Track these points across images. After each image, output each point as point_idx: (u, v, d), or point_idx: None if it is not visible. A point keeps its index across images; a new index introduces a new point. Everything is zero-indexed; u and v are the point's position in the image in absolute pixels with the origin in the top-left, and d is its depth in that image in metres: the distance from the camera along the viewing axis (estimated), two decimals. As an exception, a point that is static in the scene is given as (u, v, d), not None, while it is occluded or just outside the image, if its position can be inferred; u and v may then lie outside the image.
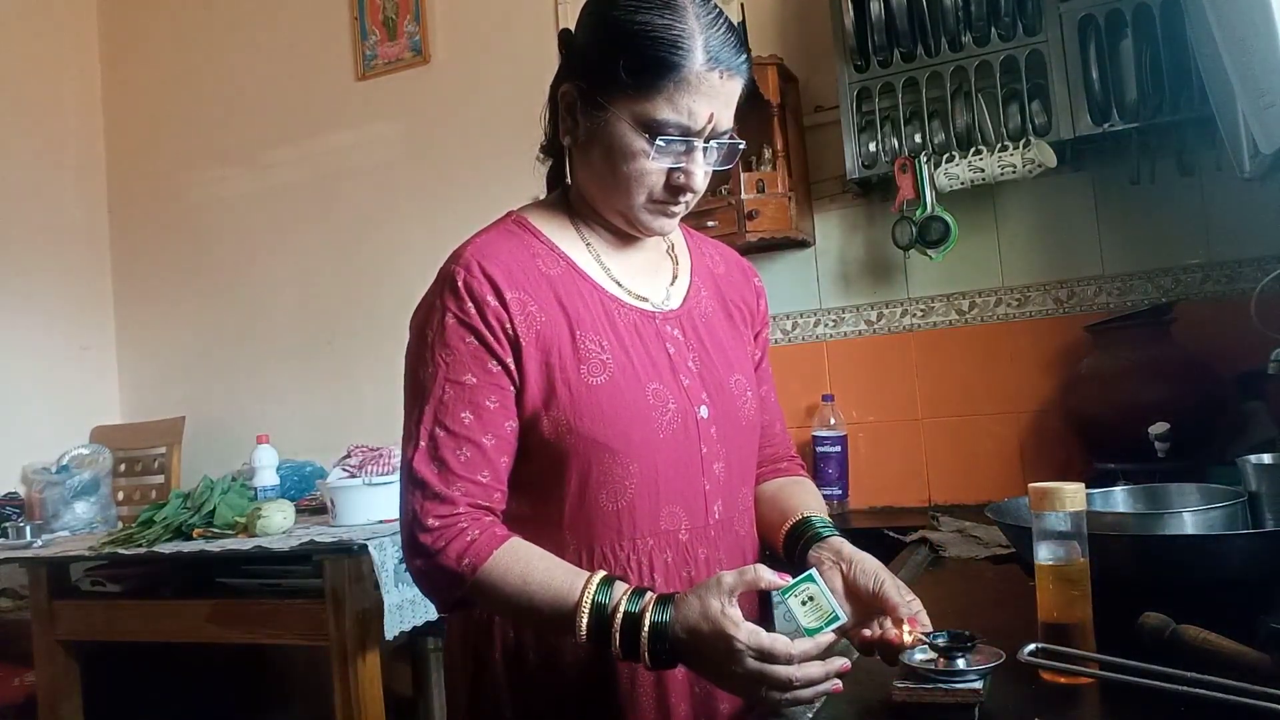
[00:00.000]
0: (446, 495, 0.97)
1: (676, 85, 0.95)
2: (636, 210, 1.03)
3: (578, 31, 1.05)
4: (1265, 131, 1.45)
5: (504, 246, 1.04)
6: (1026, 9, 2.16)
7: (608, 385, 1.00)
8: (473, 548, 0.95)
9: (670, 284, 1.14)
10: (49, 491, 3.01)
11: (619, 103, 0.97)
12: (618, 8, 0.98)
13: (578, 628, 0.90)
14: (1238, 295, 2.16)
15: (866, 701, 0.94)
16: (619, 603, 0.90)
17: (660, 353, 1.06)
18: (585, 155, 1.04)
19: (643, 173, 0.99)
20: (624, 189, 1.01)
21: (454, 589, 0.96)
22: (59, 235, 3.58)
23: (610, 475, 1.00)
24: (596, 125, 1.00)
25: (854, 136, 2.37)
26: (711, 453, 1.06)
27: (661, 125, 0.96)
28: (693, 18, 0.96)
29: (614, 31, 0.97)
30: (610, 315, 1.05)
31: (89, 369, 3.63)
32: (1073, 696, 0.88)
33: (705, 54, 0.95)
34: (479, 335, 0.99)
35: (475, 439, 0.98)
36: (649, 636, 0.88)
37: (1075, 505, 0.91)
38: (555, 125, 1.08)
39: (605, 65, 0.97)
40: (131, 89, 3.77)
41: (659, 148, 0.97)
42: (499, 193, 3.20)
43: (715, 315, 1.15)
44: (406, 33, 3.23)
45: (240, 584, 2.22)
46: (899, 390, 2.53)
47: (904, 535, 1.97)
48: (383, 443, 2.46)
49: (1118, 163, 2.26)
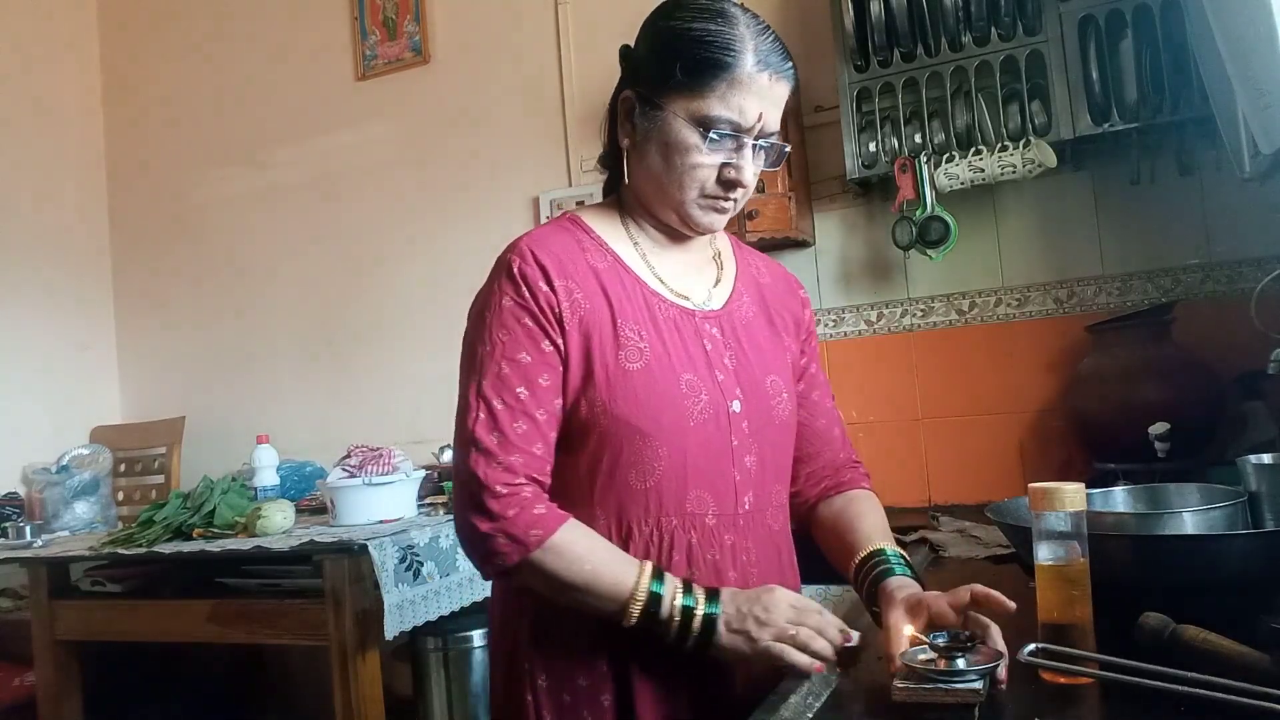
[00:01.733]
0: (508, 464, 1.01)
1: (729, 84, 1.03)
2: (689, 205, 1.09)
3: (637, 45, 1.13)
4: (1265, 131, 1.45)
5: (556, 239, 1.11)
6: (1026, 9, 2.16)
7: (643, 371, 1.06)
8: (541, 520, 1.00)
9: (713, 286, 1.20)
10: (49, 491, 3.01)
11: (675, 102, 1.05)
12: (674, 18, 1.07)
13: (629, 614, 0.99)
14: (1238, 295, 2.16)
15: (866, 702, 0.94)
16: (674, 596, 0.99)
17: (697, 348, 1.12)
18: (642, 154, 1.10)
19: (696, 166, 1.06)
20: (678, 183, 1.08)
21: (513, 555, 1.00)
22: (59, 235, 3.58)
23: (640, 456, 1.06)
24: (654, 124, 1.07)
25: (854, 136, 2.37)
26: (743, 445, 1.11)
27: (715, 121, 1.04)
28: (743, 25, 1.05)
29: (671, 37, 1.07)
30: (651, 308, 1.11)
31: (89, 369, 3.63)
32: (1073, 696, 0.88)
33: (755, 57, 1.04)
34: (534, 317, 1.05)
35: (530, 413, 1.03)
36: (701, 626, 0.98)
37: (1075, 505, 0.91)
38: (612, 134, 1.16)
39: (663, 68, 1.06)
40: (131, 89, 3.77)
41: (712, 141, 1.05)
42: (499, 192, 3.22)
43: (757, 320, 1.21)
44: (406, 33, 3.23)
45: (240, 584, 2.22)
46: (899, 390, 2.53)
47: (904, 535, 1.97)
48: (383, 443, 2.46)
49: (1118, 163, 2.26)
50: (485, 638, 2.05)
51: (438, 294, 3.11)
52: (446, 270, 3.11)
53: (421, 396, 3.11)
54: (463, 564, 2.23)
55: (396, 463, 2.34)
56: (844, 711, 0.92)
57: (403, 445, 2.64)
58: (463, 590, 2.22)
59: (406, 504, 2.32)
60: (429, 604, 2.11)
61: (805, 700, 0.94)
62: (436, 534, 2.18)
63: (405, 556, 2.07)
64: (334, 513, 2.28)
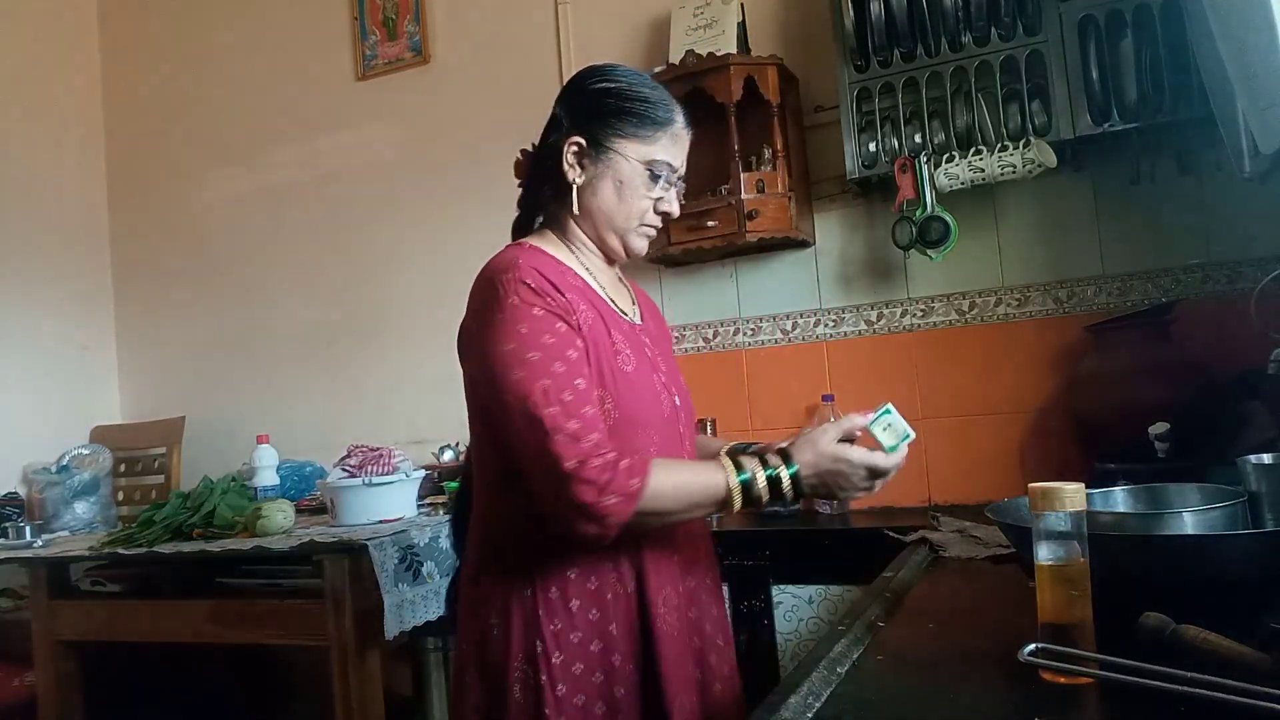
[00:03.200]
0: (593, 440, 1.14)
1: (670, 137, 1.31)
2: (631, 233, 1.32)
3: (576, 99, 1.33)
4: (1265, 131, 1.45)
5: (543, 260, 1.26)
6: (1026, 9, 2.16)
7: (634, 373, 1.26)
8: (634, 470, 1.13)
9: (631, 304, 1.40)
10: (49, 491, 3.01)
11: (626, 147, 1.29)
12: (619, 82, 1.31)
13: (732, 506, 1.18)
14: (1238, 295, 2.16)
15: (865, 701, 0.94)
16: (756, 475, 1.18)
17: (645, 354, 1.31)
18: (594, 190, 1.30)
19: (642, 199, 1.30)
20: (626, 213, 1.31)
21: (627, 508, 1.11)
22: (59, 235, 3.58)
23: (635, 443, 1.22)
24: (606, 165, 1.29)
25: (854, 136, 2.37)
26: (685, 435, 1.36)
27: (659, 164, 1.30)
28: (669, 95, 1.34)
29: (623, 97, 1.30)
30: (617, 322, 1.30)
31: (89, 369, 3.63)
32: (1073, 696, 0.88)
33: (681, 117, 1.33)
34: (565, 321, 1.20)
35: (589, 400, 1.17)
36: (791, 486, 1.18)
37: (1075, 505, 0.91)
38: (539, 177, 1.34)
39: (618, 120, 1.29)
40: (131, 89, 3.77)
41: (654, 179, 1.30)
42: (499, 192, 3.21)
43: (659, 332, 1.45)
44: (406, 33, 3.23)
45: (240, 584, 2.22)
46: (899, 390, 2.53)
47: (904, 535, 1.97)
48: (383, 443, 2.46)
49: (1118, 163, 2.26)
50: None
51: (438, 294, 3.10)
52: (446, 270, 3.10)
53: (421, 396, 3.11)
54: (463, 564, 2.23)
55: (396, 463, 2.34)
56: (843, 710, 0.92)
57: (403, 445, 2.64)
58: (463, 590, 2.21)
59: (406, 504, 2.32)
60: (429, 604, 2.11)
61: (805, 700, 0.94)
62: (436, 534, 2.18)
63: (405, 556, 2.07)
64: (334, 513, 2.28)
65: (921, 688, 1.00)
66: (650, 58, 2.79)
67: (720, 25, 2.59)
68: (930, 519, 2.05)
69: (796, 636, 2.23)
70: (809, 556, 2.25)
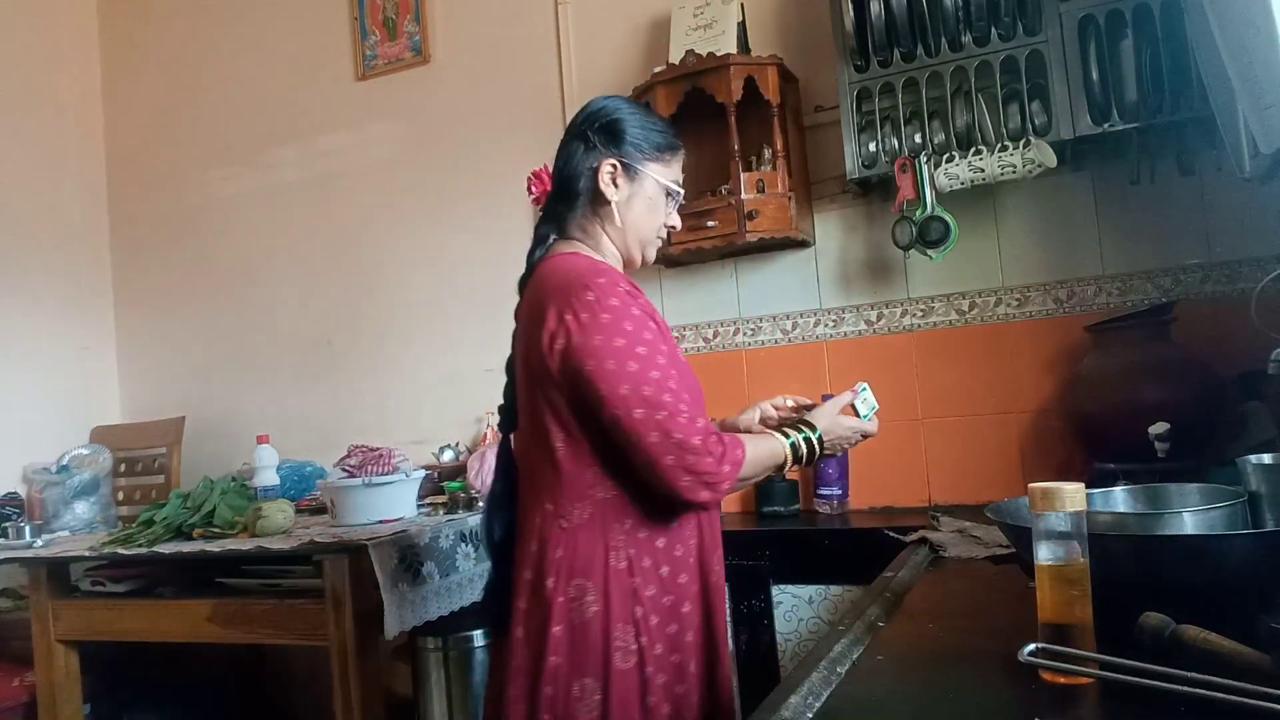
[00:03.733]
0: (703, 421, 1.30)
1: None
2: (650, 245, 1.51)
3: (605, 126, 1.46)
4: (1265, 131, 1.45)
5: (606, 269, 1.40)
6: (1026, 9, 2.16)
7: (689, 364, 1.47)
8: (736, 444, 1.32)
9: None
10: (49, 491, 3.01)
11: (653, 169, 1.47)
12: (637, 113, 1.49)
13: (785, 466, 1.43)
14: (1238, 295, 2.16)
15: (865, 701, 0.94)
16: (798, 441, 1.44)
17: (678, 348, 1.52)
18: (629, 207, 1.46)
19: (661, 215, 1.50)
20: (650, 229, 1.49)
21: (732, 475, 1.30)
22: (59, 235, 3.58)
23: None
24: (639, 185, 1.46)
25: (854, 136, 2.37)
26: None
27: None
28: None
29: (645, 127, 1.47)
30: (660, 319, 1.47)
31: (89, 369, 3.63)
32: (1073, 696, 0.88)
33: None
34: (655, 320, 1.36)
35: (684, 387, 1.32)
36: (819, 446, 1.46)
37: (1075, 505, 0.91)
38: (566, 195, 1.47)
39: (646, 145, 1.46)
40: (131, 89, 3.77)
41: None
42: (499, 192, 3.22)
43: None
44: (406, 33, 3.23)
45: (240, 584, 2.22)
46: (899, 390, 2.53)
47: (904, 535, 1.97)
48: (383, 443, 2.46)
49: (1118, 163, 2.26)
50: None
51: (438, 294, 3.11)
52: (447, 270, 3.12)
53: (421, 396, 3.10)
54: (462, 564, 2.23)
55: (396, 463, 2.34)
56: (843, 709, 0.92)
57: (403, 445, 2.64)
58: (463, 590, 2.22)
59: (406, 504, 2.32)
60: (429, 604, 2.11)
61: (805, 700, 0.94)
62: (436, 534, 2.18)
63: (405, 556, 2.07)
64: (334, 513, 2.28)
65: (921, 688, 1.00)
66: (650, 58, 2.79)
67: (720, 25, 2.59)
68: (930, 519, 2.05)
69: (796, 636, 2.23)
70: (809, 556, 2.26)
